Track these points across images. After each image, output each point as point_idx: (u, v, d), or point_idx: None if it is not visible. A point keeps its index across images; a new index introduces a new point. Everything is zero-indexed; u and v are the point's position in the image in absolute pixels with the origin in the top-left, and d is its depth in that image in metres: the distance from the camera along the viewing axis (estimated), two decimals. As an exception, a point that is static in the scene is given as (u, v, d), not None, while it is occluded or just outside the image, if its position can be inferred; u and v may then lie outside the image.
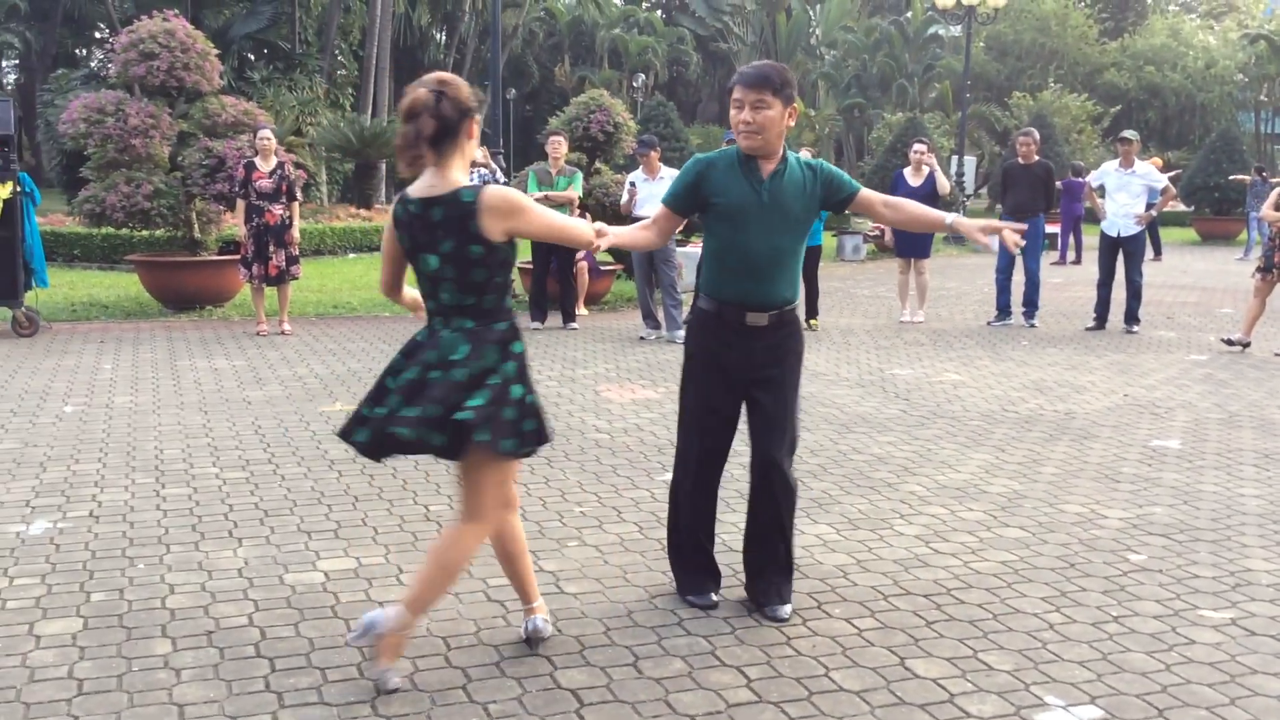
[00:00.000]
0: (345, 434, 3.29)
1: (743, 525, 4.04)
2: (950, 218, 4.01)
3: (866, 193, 3.96)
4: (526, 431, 3.27)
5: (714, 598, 3.97)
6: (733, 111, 3.80)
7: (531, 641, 3.57)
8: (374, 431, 3.21)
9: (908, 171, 11.86)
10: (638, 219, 10.18)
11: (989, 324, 11.62)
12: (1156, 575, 4.32)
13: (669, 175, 10.36)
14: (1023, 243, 4.00)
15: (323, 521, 4.82)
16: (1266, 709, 3.25)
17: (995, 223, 3.97)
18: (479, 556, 4.39)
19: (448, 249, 3.20)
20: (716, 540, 4.12)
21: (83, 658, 3.45)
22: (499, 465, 3.29)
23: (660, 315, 10.51)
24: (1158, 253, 21.03)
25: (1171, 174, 22.96)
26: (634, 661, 3.48)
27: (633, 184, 10.52)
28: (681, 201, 3.91)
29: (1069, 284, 16.07)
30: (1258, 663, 3.55)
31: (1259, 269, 10.00)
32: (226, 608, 3.86)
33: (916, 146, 11.87)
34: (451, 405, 3.13)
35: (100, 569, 4.22)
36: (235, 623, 3.74)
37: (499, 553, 3.59)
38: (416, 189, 3.26)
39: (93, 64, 37.35)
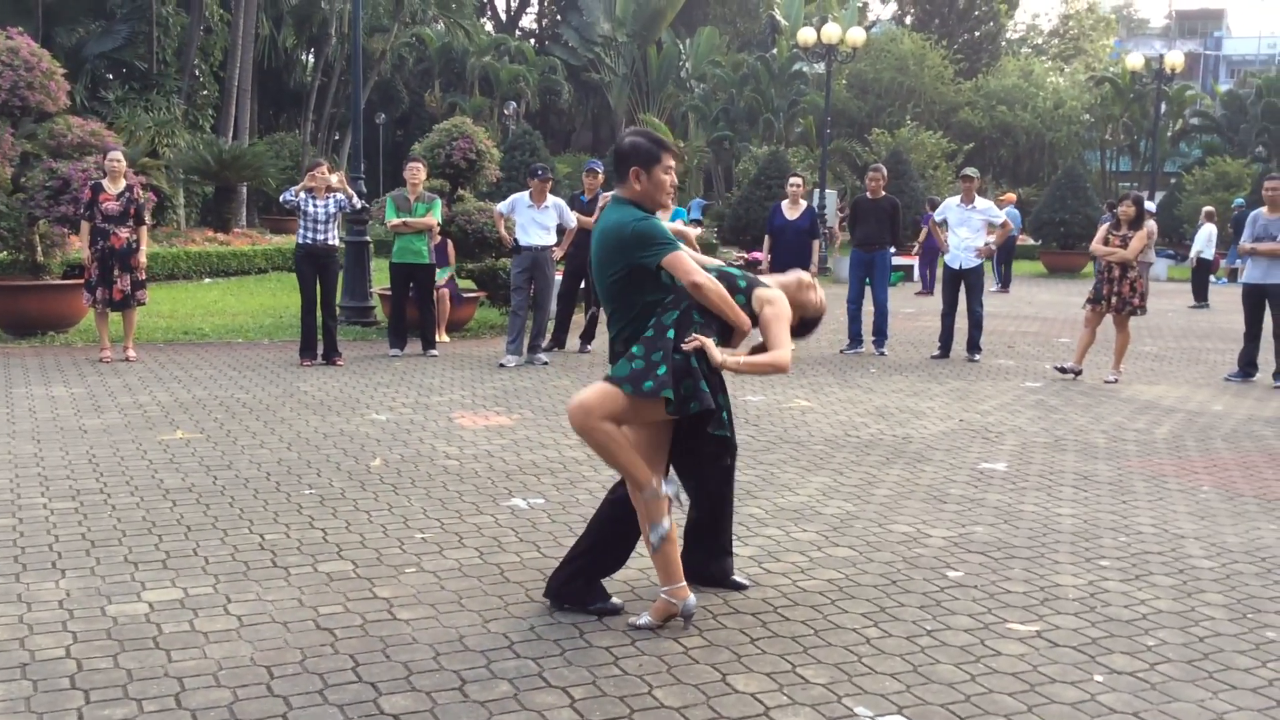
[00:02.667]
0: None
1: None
2: None
3: None
4: None
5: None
6: (667, 177, 4.11)
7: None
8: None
9: (785, 204, 12.03)
10: (519, 244, 10.34)
11: (841, 352, 11.95)
12: (971, 591, 4.53)
13: (554, 204, 10.47)
14: None
15: (152, 552, 4.72)
16: (1061, 715, 3.44)
17: None
18: (311, 586, 4.39)
19: None
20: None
21: (-118, 695, 3.33)
22: None
23: (526, 340, 10.55)
24: (1005, 286, 21.82)
25: (1018, 233, 24.02)
26: (460, 685, 3.51)
27: (500, 212, 10.73)
28: None
29: (920, 314, 16.62)
30: (1057, 672, 3.76)
31: (1089, 300, 10.54)
32: (44, 639, 3.76)
33: (793, 180, 11.96)
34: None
35: (-90, 604, 4.07)
36: (52, 654, 3.64)
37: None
38: None
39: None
